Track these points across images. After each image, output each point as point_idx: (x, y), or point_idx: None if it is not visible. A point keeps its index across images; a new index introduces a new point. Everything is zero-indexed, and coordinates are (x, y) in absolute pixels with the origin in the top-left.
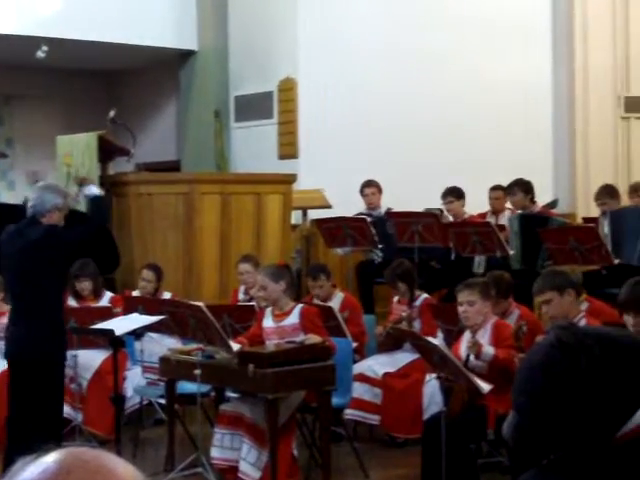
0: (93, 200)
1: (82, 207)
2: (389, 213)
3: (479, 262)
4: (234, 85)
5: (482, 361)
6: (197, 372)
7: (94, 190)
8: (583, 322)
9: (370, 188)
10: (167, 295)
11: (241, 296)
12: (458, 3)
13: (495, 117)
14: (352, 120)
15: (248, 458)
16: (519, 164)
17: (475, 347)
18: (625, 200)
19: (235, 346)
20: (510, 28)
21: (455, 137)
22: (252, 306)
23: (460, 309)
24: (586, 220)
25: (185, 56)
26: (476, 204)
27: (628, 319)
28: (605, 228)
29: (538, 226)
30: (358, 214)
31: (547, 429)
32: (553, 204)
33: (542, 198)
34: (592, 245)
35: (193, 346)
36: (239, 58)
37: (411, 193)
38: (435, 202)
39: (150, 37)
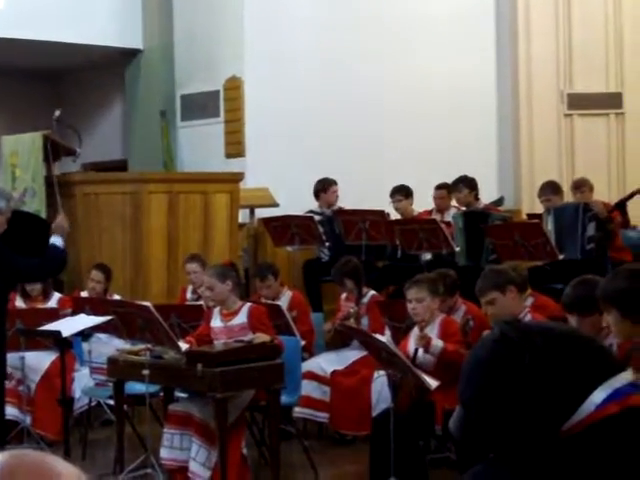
0: (53, 249)
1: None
2: (336, 211)
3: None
4: (180, 84)
5: (431, 354)
6: (145, 372)
7: (58, 242)
8: (528, 317)
9: (334, 186)
10: (117, 297)
11: (189, 295)
12: (401, 3)
13: (440, 115)
14: (298, 119)
15: (197, 458)
16: (464, 162)
17: (424, 340)
18: (569, 196)
19: (183, 346)
20: (454, 25)
21: (401, 136)
22: (200, 305)
23: (409, 306)
24: (530, 216)
25: (130, 55)
26: (423, 202)
27: (572, 319)
28: (549, 224)
29: (480, 222)
30: (309, 212)
31: (493, 423)
32: (499, 202)
33: (488, 196)
34: (537, 241)
35: (141, 346)
36: (185, 57)
37: (359, 191)
38: (384, 200)
39: (95, 36)
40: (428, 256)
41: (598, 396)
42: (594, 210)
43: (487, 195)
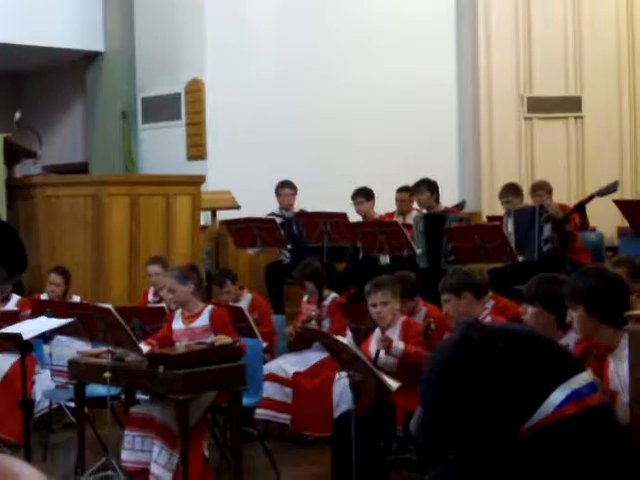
0: None
1: None
2: (297, 214)
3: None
4: (141, 86)
5: (392, 356)
6: (107, 375)
7: None
8: (489, 319)
9: (285, 188)
10: (76, 298)
11: (151, 298)
12: (362, 4)
13: (401, 118)
14: (259, 121)
15: (159, 460)
16: (425, 165)
17: (386, 342)
18: (529, 199)
19: (145, 348)
20: (414, 29)
21: (362, 138)
22: (162, 308)
23: (374, 310)
24: (491, 219)
25: (92, 57)
26: (385, 205)
27: (526, 308)
28: (509, 226)
29: (438, 224)
30: (270, 214)
31: (454, 424)
32: (461, 205)
33: (449, 198)
34: (497, 243)
35: (102, 349)
36: (146, 59)
37: (320, 194)
38: (345, 203)
39: (56, 38)
40: (386, 259)
41: (557, 397)
42: (550, 211)
43: (448, 198)
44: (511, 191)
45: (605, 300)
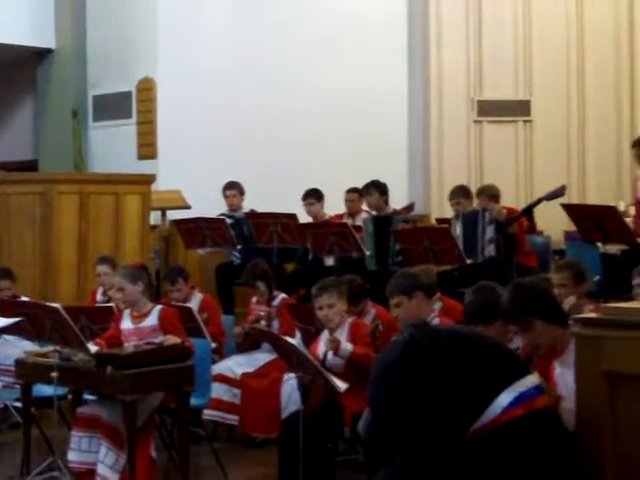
0: None
1: None
2: (247, 214)
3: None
4: (92, 84)
5: (340, 357)
6: (54, 375)
7: None
8: (436, 321)
9: (231, 190)
10: (25, 298)
11: (99, 297)
12: (313, 7)
13: (352, 119)
14: (211, 121)
15: (106, 461)
16: (375, 166)
17: (334, 344)
18: (475, 202)
19: (93, 348)
20: (366, 29)
21: (313, 139)
22: (110, 307)
23: (321, 313)
24: (440, 221)
25: (42, 54)
26: (335, 206)
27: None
28: (457, 229)
29: (385, 226)
30: (220, 215)
31: (401, 426)
32: (410, 207)
33: (398, 200)
34: (445, 246)
35: (50, 348)
36: (97, 57)
37: (271, 195)
38: (295, 204)
39: (6, 35)
40: (330, 261)
41: (504, 399)
42: (492, 213)
43: (397, 200)
44: (461, 193)
45: (551, 304)
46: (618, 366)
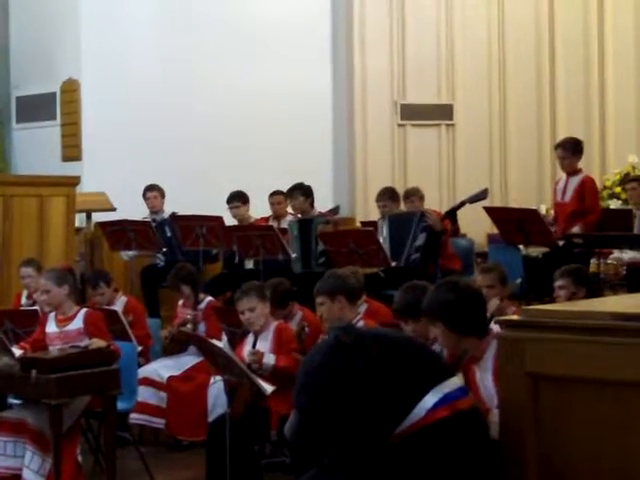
0: None
1: None
2: (172, 216)
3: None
4: (15, 85)
5: (263, 371)
6: None
7: None
8: (361, 324)
9: (152, 192)
10: None
11: (24, 301)
12: (238, 6)
13: (277, 121)
14: (136, 123)
15: (31, 465)
16: (300, 169)
17: (256, 357)
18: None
19: (17, 352)
20: (290, 34)
21: (238, 141)
22: (35, 311)
23: (243, 317)
24: (364, 224)
25: None
26: (259, 209)
27: (405, 326)
28: (384, 230)
29: (308, 229)
30: (145, 218)
31: (328, 428)
32: (335, 210)
33: (323, 203)
34: (370, 248)
35: None
36: (21, 58)
37: (196, 197)
38: (221, 206)
39: None
40: (250, 264)
41: (429, 401)
42: (429, 222)
43: (323, 202)
44: (388, 195)
45: (462, 313)
46: (540, 368)
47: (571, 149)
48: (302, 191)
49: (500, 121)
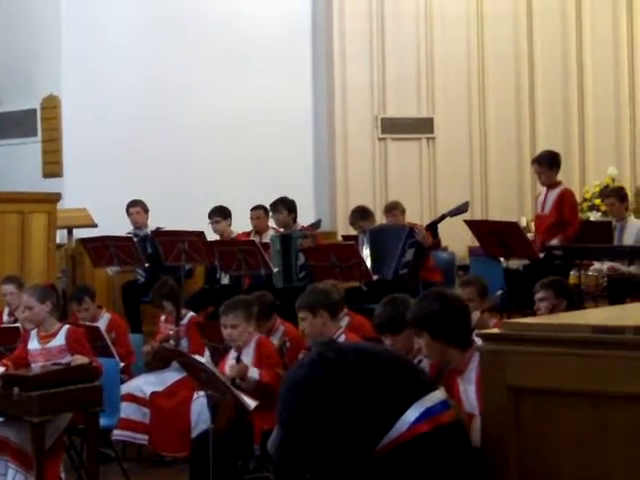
0: None
1: None
2: (154, 232)
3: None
4: None
5: (246, 386)
6: None
7: None
8: (343, 338)
9: (135, 207)
10: None
11: (5, 318)
12: (219, 20)
13: (258, 136)
14: (117, 139)
15: None
16: (282, 184)
17: (241, 371)
18: (381, 218)
19: None
20: (270, 48)
21: (220, 156)
22: (17, 328)
23: (225, 332)
24: (346, 238)
25: None
26: (241, 224)
27: (385, 340)
28: (365, 244)
29: (288, 243)
30: (129, 233)
31: (310, 444)
32: (316, 224)
33: (304, 218)
34: (352, 262)
35: None
36: (1, 74)
37: (177, 213)
38: (202, 222)
39: None
40: (226, 280)
41: (410, 415)
42: (418, 237)
43: (304, 217)
44: (358, 215)
45: (447, 324)
46: (521, 381)
47: (547, 163)
48: (285, 205)
49: (480, 134)
